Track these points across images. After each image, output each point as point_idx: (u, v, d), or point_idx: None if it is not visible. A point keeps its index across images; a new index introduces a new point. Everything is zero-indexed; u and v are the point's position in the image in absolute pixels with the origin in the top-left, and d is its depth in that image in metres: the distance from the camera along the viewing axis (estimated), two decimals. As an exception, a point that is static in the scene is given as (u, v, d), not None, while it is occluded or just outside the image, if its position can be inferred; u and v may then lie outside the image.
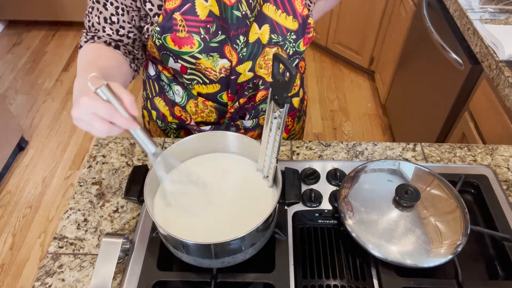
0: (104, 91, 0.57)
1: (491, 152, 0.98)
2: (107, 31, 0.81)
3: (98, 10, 0.79)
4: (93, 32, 0.82)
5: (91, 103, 0.56)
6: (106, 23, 0.80)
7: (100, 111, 0.56)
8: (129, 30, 0.82)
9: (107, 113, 0.56)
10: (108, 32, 0.81)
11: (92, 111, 0.56)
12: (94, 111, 0.56)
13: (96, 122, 0.56)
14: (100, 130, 0.57)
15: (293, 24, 0.83)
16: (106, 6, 0.78)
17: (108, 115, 0.56)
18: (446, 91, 1.62)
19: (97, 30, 0.81)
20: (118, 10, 0.79)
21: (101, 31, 0.81)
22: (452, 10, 1.60)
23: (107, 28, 0.81)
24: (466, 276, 0.72)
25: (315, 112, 2.61)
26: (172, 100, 0.99)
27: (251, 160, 0.80)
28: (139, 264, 0.74)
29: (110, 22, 0.80)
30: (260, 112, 1.00)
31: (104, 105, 0.56)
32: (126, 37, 0.83)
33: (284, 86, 0.60)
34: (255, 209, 0.72)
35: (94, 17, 0.80)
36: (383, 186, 0.80)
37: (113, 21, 0.80)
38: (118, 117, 0.57)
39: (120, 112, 0.58)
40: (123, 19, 0.80)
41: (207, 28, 0.78)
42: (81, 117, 0.57)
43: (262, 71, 0.89)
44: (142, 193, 0.70)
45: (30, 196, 2.13)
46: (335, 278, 0.73)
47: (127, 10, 0.79)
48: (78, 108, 0.57)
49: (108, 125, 0.57)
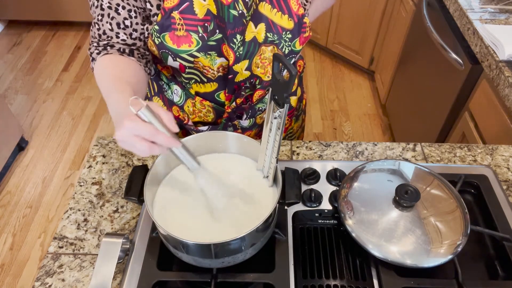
0: (145, 113, 0.58)
1: (491, 152, 0.98)
2: (121, 36, 0.80)
3: (110, 16, 0.78)
4: (105, 40, 0.81)
5: (133, 125, 0.58)
6: (119, 29, 0.79)
7: (142, 133, 0.58)
8: (141, 32, 0.82)
9: (149, 134, 0.58)
10: (122, 38, 0.80)
11: (135, 133, 0.58)
12: (136, 133, 0.58)
13: (138, 143, 0.58)
14: (142, 150, 0.59)
15: (288, 23, 0.83)
16: (118, 10, 0.77)
17: (150, 136, 0.58)
18: (446, 91, 1.62)
19: (109, 37, 0.80)
20: (130, 13, 0.78)
21: (114, 38, 0.80)
22: (452, 10, 1.60)
23: (120, 34, 0.80)
24: (466, 276, 0.72)
25: (315, 112, 2.61)
26: (170, 99, 0.99)
27: (251, 160, 0.80)
28: (139, 264, 0.74)
29: (124, 26, 0.79)
30: (257, 111, 1.01)
31: (145, 126, 0.58)
32: (139, 40, 0.82)
33: (284, 86, 0.60)
34: (255, 209, 0.72)
35: (106, 24, 0.79)
36: (383, 186, 0.80)
37: (127, 25, 0.79)
38: (160, 136, 0.59)
39: (161, 131, 0.59)
40: (136, 22, 0.79)
41: (205, 27, 0.78)
42: (125, 140, 0.59)
43: (259, 70, 0.89)
44: (142, 193, 0.70)
45: (30, 196, 2.13)
46: (335, 278, 0.73)
47: (139, 12, 0.79)
48: (121, 131, 0.58)
49: (149, 145, 0.59)
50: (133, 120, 0.58)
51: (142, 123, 0.58)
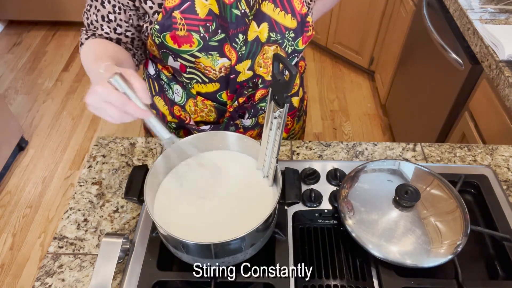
0: (117, 80, 0.58)
1: (491, 152, 0.98)
2: (105, 29, 0.82)
3: (96, 8, 0.80)
4: (92, 30, 0.83)
5: (104, 91, 0.57)
6: (103, 21, 0.81)
7: (113, 100, 0.57)
8: (126, 29, 0.83)
9: (120, 102, 0.57)
10: (106, 30, 0.82)
11: (105, 100, 0.57)
12: (107, 100, 0.57)
13: (109, 109, 0.58)
14: (113, 117, 0.58)
15: (291, 22, 0.83)
16: (103, 4, 0.79)
17: (120, 105, 0.58)
18: (446, 91, 1.62)
19: (95, 28, 0.82)
20: (115, 9, 0.79)
21: (99, 29, 0.82)
22: (452, 10, 1.60)
23: (104, 26, 0.82)
24: (466, 276, 0.71)
25: (315, 112, 2.61)
26: (171, 99, 0.99)
27: (251, 160, 0.80)
28: (139, 264, 0.74)
29: (108, 20, 0.81)
30: (259, 111, 1.00)
31: (116, 94, 0.57)
32: (124, 36, 0.84)
33: (284, 86, 0.60)
34: (255, 209, 0.72)
35: (92, 15, 0.81)
36: (383, 186, 0.80)
37: (110, 19, 0.80)
38: (131, 106, 0.58)
39: (133, 101, 0.58)
40: (120, 18, 0.80)
41: (206, 27, 0.78)
42: (94, 105, 0.58)
43: (261, 70, 0.89)
44: (142, 193, 0.70)
45: (30, 196, 2.13)
46: (335, 278, 0.73)
47: (124, 9, 0.79)
48: (92, 96, 0.58)
49: (120, 113, 0.58)
50: (105, 87, 0.57)
51: (114, 90, 0.57)
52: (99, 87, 0.57)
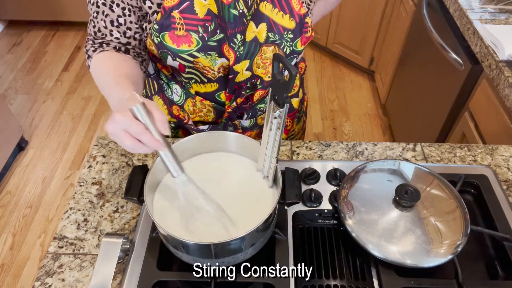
0: (139, 109, 0.58)
1: (491, 152, 0.98)
2: (114, 34, 0.81)
3: (104, 14, 0.79)
4: (100, 38, 0.82)
5: (122, 120, 0.58)
6: (113, 26, 0.80)
7: (130, 129, 0.58)
8: (136, 31, 0.82)
9: (136, 132, 0.58)
10: (116, 36, 0.81)
11: (123, 128, 0.58)
12: (125, 128, 0.58)
13: (124, 138, 0.59)
14: (128, 146, 0.59)
15: (290, 23, 0.83)
16: (112, 8, 0.78)
17: (136, 134, 0.58)
18: (446, 91, 1.62)
19: (104, 34, 0.82)
20: (124, 11, 0.79)
21: (108, 35, 0.81)
22: (452, 10, 1.60)
23: (114, 32, 0.81)
24: (466, 276, 0.71)
25: (315, 112, 2.61)
26: (170, 99, 0.99)
27: (251, 160, 0.80)
28: (139, 264, 0.74)
29: (117, 24, 0.80)
30: (258, 111, 1.00)
31: (134, 123, 0.58)
32: (133, 39, 0.83)
33: (284, 86, 0.60)
34: (255, 209, 0.72)
35: (100, 21, 0.80)
36: (383, 186, 0.80)
37: (120, 23, 0.80)
38: (146, 136, 0.59)
39: (150, 132, 0.59)
40: (130, 20, 0.80)
41: (205, 27, 0.78)
42: (112, 133, 0.60)
43: (260, 71, 0.89)
44: (142, 193, 0.70)
45: (30, 196, 2.13)
46: (335, 278, 0.73)
47: (133, 11, 0.79)
48: (111, 124, 0.59)
49: (135, 143, 0.59)
50: (124, 115, 0.58)
51: (132, 119, 0.58)
52: (119, 116, 0.58)
